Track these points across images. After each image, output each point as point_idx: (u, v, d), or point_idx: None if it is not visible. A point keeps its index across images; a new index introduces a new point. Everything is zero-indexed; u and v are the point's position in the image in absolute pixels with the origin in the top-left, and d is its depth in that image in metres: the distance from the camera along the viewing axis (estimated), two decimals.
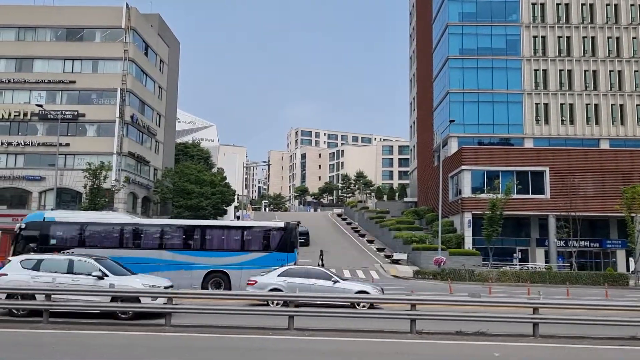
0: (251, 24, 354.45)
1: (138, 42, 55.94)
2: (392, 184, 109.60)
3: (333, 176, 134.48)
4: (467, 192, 45.82)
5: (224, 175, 66.91)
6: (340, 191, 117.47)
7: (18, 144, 51.91)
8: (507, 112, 51.41)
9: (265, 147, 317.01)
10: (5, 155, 52.18)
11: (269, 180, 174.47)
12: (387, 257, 47.13)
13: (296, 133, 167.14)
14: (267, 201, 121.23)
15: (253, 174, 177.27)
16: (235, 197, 68.96)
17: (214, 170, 71.25)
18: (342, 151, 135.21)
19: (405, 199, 71.95)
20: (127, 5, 54.31)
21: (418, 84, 68.11)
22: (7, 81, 52.81)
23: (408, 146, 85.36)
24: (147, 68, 58.64)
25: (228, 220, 65.82)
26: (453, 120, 45.80)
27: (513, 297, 19.27)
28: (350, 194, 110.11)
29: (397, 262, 44.43)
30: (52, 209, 37.19)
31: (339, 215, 78.30)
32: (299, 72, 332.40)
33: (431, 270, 37.18)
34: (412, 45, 72.99)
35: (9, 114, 52.30)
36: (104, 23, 54.22)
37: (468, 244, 44.28)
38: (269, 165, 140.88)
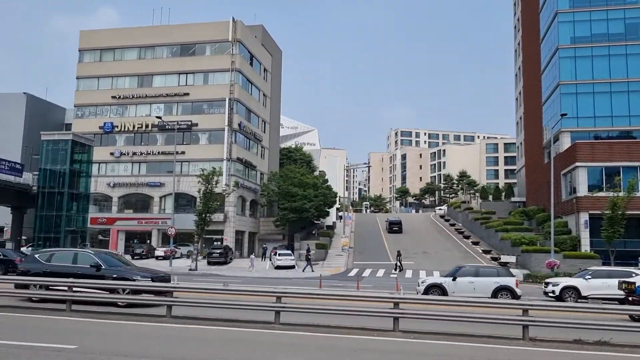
0: (349, 28, 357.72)
1: (244, 53, 59.01)
2: (498, 183, 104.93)
3: (435, 176, 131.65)
4: (582, 190, 42.81)
5: (326, 177, 68.37)
6: (442, 192, 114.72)
7: (141, 154, 57.01)
8: (628, 103, 47.22)
9: (365, 149, 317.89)
10: (131, 164, 57.55)
11: (369, 182, 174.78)
12: (494, 259, 45.38)
13: (396, 134, 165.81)
14: (367, 203, 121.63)
15: (353, 176, 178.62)
16: (337, 199, 70.09)
17: (316, 173, 73.00)
18: (444, 150, 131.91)
19: (513, 199, 68.64)
20: (233, 19, 57.56)
21: (524, 78, 64.77)
22: (131, 97, 58.28)
23: (514, 143, 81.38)
24: (252, 77, 61.63)
25: (330, 220, 67.22)
26: (565, 114, 42.93)
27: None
28: (453, 195, 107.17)
29: (504, 264, 42.64)
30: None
31: (442, 217, 76.61)
32: (397, 73, 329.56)
33: (543, 274, 35.25)
34: (517, 37, 69.58)
35: (133, 127, 57.64)
36: (213, 37, 57.91)
37: (585, 246, 41.37)
38: (369, 167, 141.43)
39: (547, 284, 24.57)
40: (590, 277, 23.03)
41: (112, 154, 57.39)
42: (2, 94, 63.11)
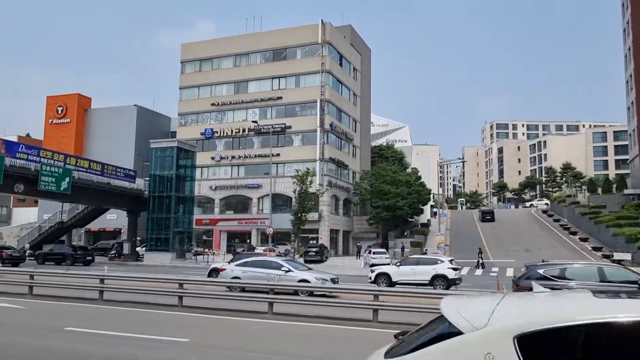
0: (439, 21, 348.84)
1: (333, 54, 59.87)
2: (607, 174, 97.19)
3: (535, 170, 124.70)
4: None
5: (419, 174, 67.43)
6: (544, 186, 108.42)
7: (239, 157, 59.83)
8: None
9: (459, 144, 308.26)
10: (230, 167, 60.59)
11: (464, 178, 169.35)
12: (606, 257, 42.24)
13: (491, 127, 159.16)
14: (463, 199, 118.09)
15: (447, 172, 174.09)
16: (431, 196, 68.85)
17: (409, 170, 72.18)
18: (544, 142, 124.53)
19: (626, 191, 63.29)
20: (322, 21, 58.60)
21: (635, 59, 59.54)
22: (228, 103, 61.38)
23: (625, 131, 75.06)
24: (342, 77, 62.34)
25: (425, 218, 66.21)
26: None
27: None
28: (556, 188, 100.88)
29: (618, 262, 39.55)
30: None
31: (544, 212, 72.47)
32: (490, 64, 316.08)
33: None
34: (626, 15, 64.09)
35: (231, 131, 60.63)
36: (303, 41, 59.37)
37: None
38: (463, 162, 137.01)
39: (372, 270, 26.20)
40: (399, 264, 25.52)
41: (213, 158, 60.77)
42: (116, 107, 69.10)
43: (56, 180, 39.91)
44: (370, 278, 24.27)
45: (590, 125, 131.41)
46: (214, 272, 24.37)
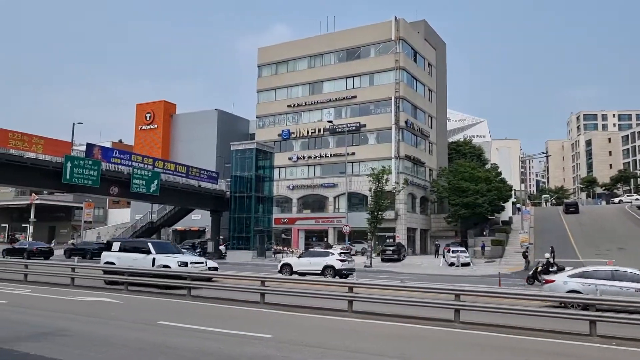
0: (516, 11, 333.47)
1: (407, 51, 59.20)
2: None
3: (628, 163, 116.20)
4: None
5: (499, 170, 64.94)
6: (639, 179, 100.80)
7: (315, 157, 60.73)
8: None
9: (542, 138, 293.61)
10: (307, 167, 61.66)
11: (548, 173, 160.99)
12: None
13: (577, 118, 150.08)
14: (547, 195, 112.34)
15: (530, 167, 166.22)
16: (512, 192, 66.17)
17: (488, 166, 69.86)
18: (639, 132, 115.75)
19: None
20: (395, 18, 58.10)
21: None
22: (304, 104, 62.48)
23: None
24: (417, 73, 61.48)
25: (506, 216, 63.80)
26: None
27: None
28: None
29: None
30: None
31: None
32: (576, 53, 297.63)
33: None
34: None
35: (307, 132, 61.67)
36: (376, 39, 59.19)
37: None
38: (547, 156, 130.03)
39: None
40: (299, 256, 30.83)
41: (290, 158, 62.12)
42: (199, 112, 72.43)
43: (146, 182, 42.64)
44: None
45: None
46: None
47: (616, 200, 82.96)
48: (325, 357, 9.16)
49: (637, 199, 77.61)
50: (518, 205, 70.08)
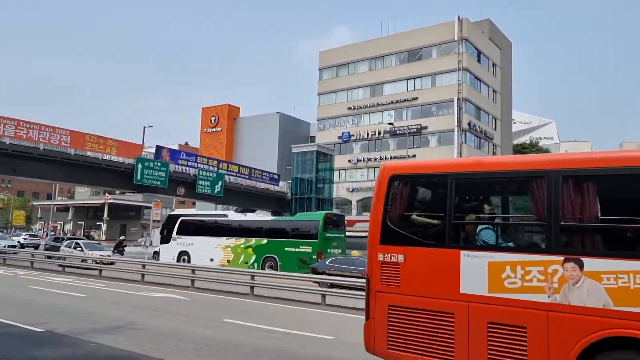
0: (585, 9, 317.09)
1: (470, 51, 57.81)
2: None
3: None
4: None
5: None
6: None
7: (375, 159, 60.46)
8: None
9: (617, 139, 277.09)
10: (367, 169, 61.52)
11: None
12: None
13: None
14: None
15: None
16: None
17: None
18: None
19: None
20: (458, 17, 56.92)
21: None
22: (364, 106, 62.41)
23: None
24: (480, 74, 59.90)
25: None
26: None
27: None
28: None
29: None
30: None
31: None
32: None
33: None
34: None
35: (367, 134, 61.52)
36: (438, 39, 58.21)
37: None
38: None
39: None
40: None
41: (349, 161, 62.21)
42: (261, 115, 74.00)
43: (211, 183, 44.08)
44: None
45: None
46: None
47: None
48: None
49: None
50: None
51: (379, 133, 60.61)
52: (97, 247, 32.67)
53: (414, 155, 56.09)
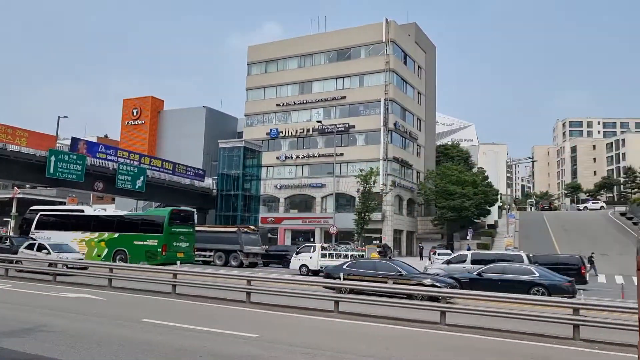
0: (508, 15, 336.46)
1: (397, 53, 59.34)
2: None
3: (612, 170, 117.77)
4: None
5: (486, 174, 65.52)
6: (622, 187, 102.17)
7: (303, 157, 60.60)
8: None
9: (528, 143, 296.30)
10: (295, 166, 61.51)
11: (533, 178, 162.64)
12: None
13: (563, 125, 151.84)
14: (532, 200, 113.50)
15: (516, 172, 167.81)
16: (499, 197, 66.70)
17: (475, 170, 70.34)
18: (623, 140, 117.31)
19: None
20: (386, 20, 58.19)
21: None
22: (293, 103, 62.32)
23: None
24: (406, 76, 61.66)
25: (492, 219, 64.33)
26: None
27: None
28: (636, 190, 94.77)
29: None
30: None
31: (623, 214, 68.37)
32: (562, 59, 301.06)
33: None
34: None
35: (296, 132, 61.51)
36: (367, 40, 59.24)
37: None
38: (533, 161, 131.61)
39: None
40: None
41: (278, 158, 61.91)
42: (187, 109, 71.89)
43: (132, 178, 42.16)
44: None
45: None
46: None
47: (581, 207, 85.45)
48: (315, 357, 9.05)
49: (601, 207, 79.84)
50: (507, 207, 70.71)
51: (308, 131, 60.77)
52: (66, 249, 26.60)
53: (341, 154, 56.73)
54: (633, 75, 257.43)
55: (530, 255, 26.66)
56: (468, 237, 51.35)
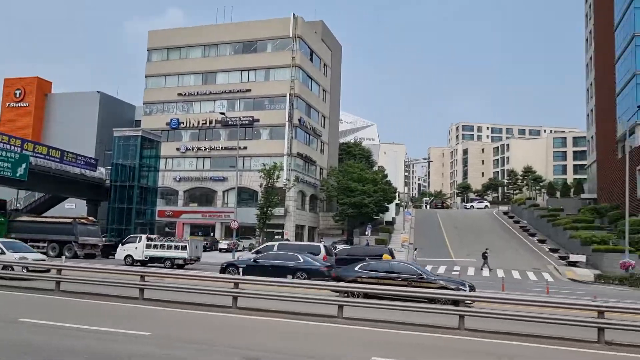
0: (411, 22, 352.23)
1: (304, 49, 59.55)
2: (566, 179, 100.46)
3: (498, 172, 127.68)
4: None
5: (385, 173, 67.92)
6: (505, 188, 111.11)
7: (205, 149, 58.89)
8: None
9: (425, 144, 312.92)
10: (195, 159, 59.60)
11: (429, 178, 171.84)
12: (562, 258, 43.56)
13: (457, 128, 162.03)
14: (427, 198, 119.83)
15: (413, 171, 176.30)
16: (397, 194, 69.49)
17: (375, 168, 72.64)
18: (508, 145, 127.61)
19: (582, 196, 65.46)
20: (293, 15, 58.15)
21: (596, 68, 61.54)
22: (196, 94, 60.30)
23: (584, 137, 77.60)
24: (312, 73, 62.10)
25: (390, 216, 66.84)
26: None
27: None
28: (517, 191, 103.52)
29: (574, 264, 40.91)
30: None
31: (505, 213, 74.33)
32: (459, 66, 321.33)
33: (617, 275, 33.51)
34: (589, 26, 66.12)
35: (198, 123, 59.61)
36: (274, 34, 58.81)
37: None
38: (429, 162, 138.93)
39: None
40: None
41: (178, 149, 59.62)
42: (78, 93, 66.94)
43: (12, 165, 38.28)
44: None
45: (551, 131, 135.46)
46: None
47: (468, 205, 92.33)
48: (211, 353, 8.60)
49: (486, 206, 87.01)
50: (405, 204, 73.83)
51: (211, 122, 59.14)
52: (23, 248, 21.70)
53: (244, 148, 55.86)
54: (519, 86, 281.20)
55: (331, 245, 33.24)
56: (367, 233, 52.81)
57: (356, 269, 18.65)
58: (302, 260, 21.79)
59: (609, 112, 53.98)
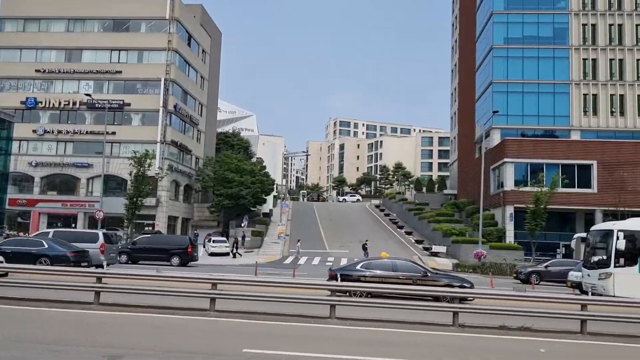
0: (292, 14, 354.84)
1: (181, 33, 56.97)
2: (432, 175, 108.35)
3: (371, 167, 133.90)
4: (509, 185, 44.85)
5: (264, 164, 67.58)
6: (378, 182, 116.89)
7: (67, 132, 53.91)
8: (553, 104, 49.80)
9: (304, 138, 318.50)
10: (56, 142, 54.33)
11: (307, 171, 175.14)
12: (426, 249, 46.77)
13: (335, 123, 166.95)
14: (305, 191, 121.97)
15: (291, 164, 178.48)
16: (275, 186, 69.59)
17: (254, 159, 72.03)
18: (381, 142, 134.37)
19: (445, 191, 70.99)
20: None
21: (460, 74, 66.86)
22: (57, 71, 54.84)
23: (448, 137, 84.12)
24: (190, 58, 59.67)
25: (267, 208, 66.72)
26: (497, 111, 44.73)
27: (558, 293, 18.77)
28: (388, 185, 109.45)
29: (436, 254, 44.08)
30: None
31: (377, 207, 78.07)
32: (338, 63, 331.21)
33: (471, 264, 36.70)
34: (455, 35, 71.58)
35: (59, 103, 54.35)
36: (149, 14, 55.44)
37: (510, 238, 43.44)
38: (307, 155, 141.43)
39: None
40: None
41: (34, 131, 53.84)
42: None
43: None
44: None
45: (420, 130, 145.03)
46: None
47: (341, 199, 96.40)
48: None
49: (357, 199, 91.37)
50: (282, 196, 74.12)
51: (74, 104, 54.20)
52: None
53: (113, 133, 52.11)
54: (395, 86, 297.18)
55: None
56: (243, 225, 52.17)
57: (358, 267, 18.28)
58: (46, 246, 20.80)
59: (469, 116, 58.96)
